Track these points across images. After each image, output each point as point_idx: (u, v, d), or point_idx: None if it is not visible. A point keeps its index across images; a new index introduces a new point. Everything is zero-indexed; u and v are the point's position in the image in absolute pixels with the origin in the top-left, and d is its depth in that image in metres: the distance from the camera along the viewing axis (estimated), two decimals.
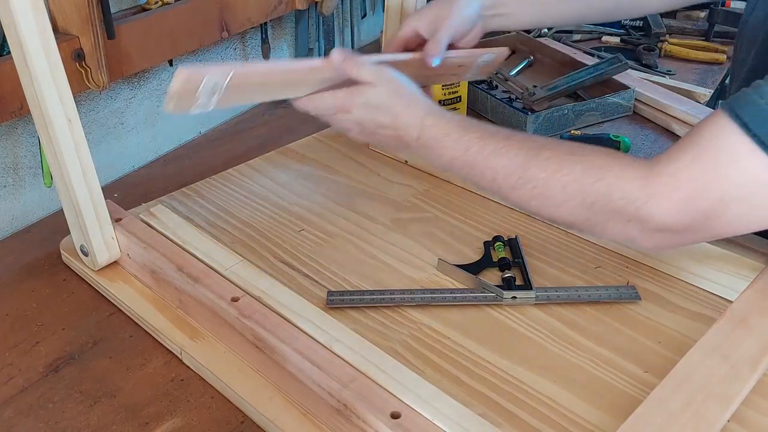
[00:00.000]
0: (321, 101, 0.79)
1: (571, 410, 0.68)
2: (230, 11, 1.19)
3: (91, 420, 0.69)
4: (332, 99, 0.79)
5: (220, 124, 1.32)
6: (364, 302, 0.80)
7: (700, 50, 1.53)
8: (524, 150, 0.71)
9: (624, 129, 1.26)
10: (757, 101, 0.61)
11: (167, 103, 0.69)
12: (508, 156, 0.71)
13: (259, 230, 0.94)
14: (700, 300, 0.82)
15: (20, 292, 0.86)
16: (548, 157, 0.69)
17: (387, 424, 0.60)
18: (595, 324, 0.78)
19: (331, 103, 0.79)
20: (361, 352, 0.68)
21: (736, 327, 0.70)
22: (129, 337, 0.79)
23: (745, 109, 0.62)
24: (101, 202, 0.82)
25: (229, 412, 0.70)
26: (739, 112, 0.62)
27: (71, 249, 0.88)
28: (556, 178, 0.68)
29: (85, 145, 0.77)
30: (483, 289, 0.82)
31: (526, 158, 0.70)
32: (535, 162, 0.70)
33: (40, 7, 0.68)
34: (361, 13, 1.60)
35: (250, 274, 0.79)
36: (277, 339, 0.69)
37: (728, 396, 0.63)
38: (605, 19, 1.10)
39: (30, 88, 0.72)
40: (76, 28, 0.95)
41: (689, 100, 1.30)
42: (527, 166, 0.70)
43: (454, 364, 0.73)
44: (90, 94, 1.08)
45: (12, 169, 1.01)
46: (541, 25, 0.96)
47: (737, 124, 0.62)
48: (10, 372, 0.75)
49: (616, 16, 1.04)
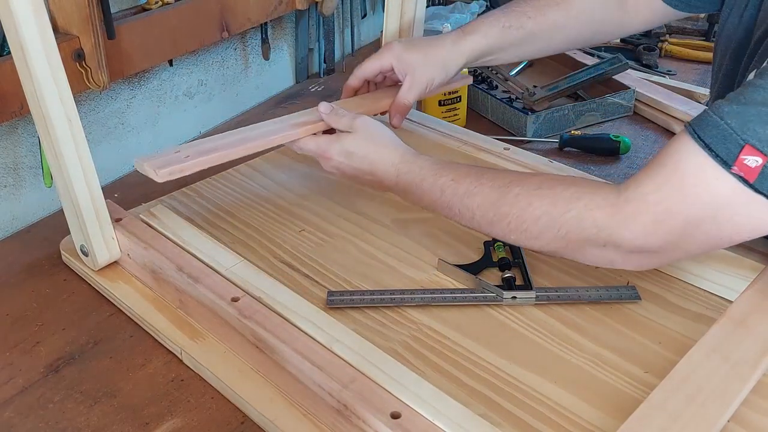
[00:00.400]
0: (305, 144, 0.88)
1: (571, 410, 0.68)
2: (230, 11, 1.19)
3: (91, 420, 0.69)
4: (315, 145, 0.87)
5: (220, 124, 1.32)
6: (364, 302, 0.80)
7: (700, 50, 1.53)
8: (495, 188, 0.74)
9: (624, 129, 1.26)
10: (717, 122, 0.62)
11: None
12: (481, 195, 0.75)
13: (260, 230, 0.94)
14: (701, 300, 0.82)
15: (20, 292, 0.86)
16: (518, 194, 0.73)
17: (387, 424, 0.60)
18: (596, 324, 0.78)
19: (314, 148, 0.87)
20: (362, 353, 0.68)
21: (736, 327, 0.70)
22: (129, 337, 0.79)
23: (706, 130, 0.63)
24: (101, 202, 0.81)
25: (229, 412, 0.70)
26: (701, 134, 0.63)
27: (71, 249, 0.88)
28: (528, 212, 0.71)
29: (85, 145, 0.77)
30: (483, 289, 0.82)
31: (497, 196, 0.74)
32: (506, 199, 0.73)
33: (40, 7, 0.68)
34: (361, 13, 1.60)
35: (251, 274, 0.79)
36: (277, 339, 0.69)
37: (728, 396, 0.63)
38: (586, 45, 1.12)
39: (30, 88, 0.72)
40: (76, 28, 0.95)
41: (689, 100, 1.30)
42: (499, 204, 0.73)
43: (454, 364, 0.73)
44: (90, 94, 1.08)
45: (12, 169, 1.01)
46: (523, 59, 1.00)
47: (699, 146, 0.63)
48: (11, 372, 0.75)
49: (595, 42, 1.06)
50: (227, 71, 1.32)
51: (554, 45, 0.99)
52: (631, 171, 1.14)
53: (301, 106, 1.36)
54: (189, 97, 1.26)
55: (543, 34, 0.95)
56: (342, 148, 0.84)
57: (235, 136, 0.88)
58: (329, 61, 1.50)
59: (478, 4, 1.68)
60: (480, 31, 0.94)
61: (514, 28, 0.94)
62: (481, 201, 0.74)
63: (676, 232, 0.65)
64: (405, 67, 0.94)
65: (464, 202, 0.76)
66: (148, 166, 0.79)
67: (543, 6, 0.95)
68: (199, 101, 1.28)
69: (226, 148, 0.84)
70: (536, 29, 0.94)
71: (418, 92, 0.95)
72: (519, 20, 0.94)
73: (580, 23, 0.96)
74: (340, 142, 0.85)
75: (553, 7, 0.94)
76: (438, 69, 0.94)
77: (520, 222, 0.72)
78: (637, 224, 0.66)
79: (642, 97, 1.31)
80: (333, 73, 1.51)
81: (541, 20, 0.94)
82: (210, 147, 0.84)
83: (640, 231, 0.66)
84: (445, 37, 0.95)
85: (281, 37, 1.43)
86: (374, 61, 0.96)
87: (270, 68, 1.42)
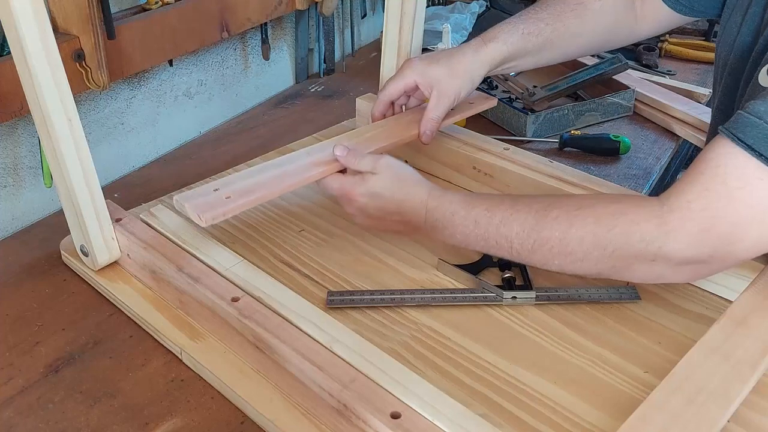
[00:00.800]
0: (329, 183, 0.84)
1: (571, 410, 0.68)
2: (230, 11, 1.19)
3: (91, 420, 0.69)
4: (339, 185, 0.83)
5: (221, 124, 1.32)
6: (364, 302, 0.80)
7: (701, 50, 1.54)
8: (532, 213, 0.72)
9: (624, 129, 1.26)
10: (756, 122, 0.63)
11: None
12: (517, 222, 0.72)
13: (260, 230, 0.94)
14: (700, 300, 0.82)
15: (20, 292, 0.86)
16: (557, 216, 0.70)
17: (387, 424, 0.60)
18: (595, 324, 0.78)
19: (338, 187, 0.83)
20: (361, 353, 0.68)
21: (736, 327, 0.70)
22: (129, 338, 0.79)
23: (746, 131, 0.63)
24: (101, 202, 0.81)
25: (229, 412, 0.70)
26: (741, 136, 0.63)
27: (71, 249, 0.88)
28: (571, 234, 0.69)
29: (85, 145, 0.77)
30: (483, 290, 0.82)
31: (535, 221, 0.71)
32: (545, 223, 0.71)
33: (40, 7, 0.68)
34: (361, 13, 1.60)
35: (250, 274, 0.79)
36: (277, 339, 0.69)
37: (728, 396, 0.63)
38: (598, 52, 1.12)
39: (30, 88, 0.72)
40: (76, 28, 0.95)
41: (689, 100, 1.30)
42: (539, 228, 0.71)
43: (454, 364, 0.73)
44: (90, 94, 1.08)
45: (12, 169, 1.01)
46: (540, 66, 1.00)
47: (741, 147, 0.63)
48: (10, 372, 0.75)
49: (607, 48, 1.06)
50: (227, 71, 1.32)
51: (570, 52, 0.99)
52: (631, 171, 1.14)
53: (301, 106, 1.37)
54: (189, 97, 1.26)
55: (560, 41, 0.95)
56: (367, 190, 0.80)
57: (272, 171, 0.84)
58: (329, 61, 1.50)
59: (478, 4, 1.68)
60: (500, 38, 0.93)
61: (533, 35, 0.94)
62: (519, 228, 0.72)
63: (724, 237, 0.64)
64: (430, 81, 0.93)
65: (501, 232, 0.73)
66: (189, 209, 0.76)
67: (559, 13, 0.95)
68: (199, 101, 1.28)
69: (265, 188, 0.81)
70: (554, 36, 0.94)
71: (446, 106, 0.94)
72: (537, 27, 0.94)
73: (594, 30, 0.96)
74: (365, 183, 0.81)
75: (568, 14, 0.94)
76: (464, 80, 0.93)
77: (563, 245, 0.70)
78: (684, 234, 0.65)
79: (642, 97, 1.31)
80: (333, 73, 1.51)
81: (559, 26, 0.94)
82: (249, 185, 0.80)
83: (687, 240, 0.65)
84: (465, 48, 0.94)
85: (281, 37, 1.43)
86: (398, 82, 0.95)
87: (270, 68, 1.42)
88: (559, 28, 0.94)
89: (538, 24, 0.94)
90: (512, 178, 0.97)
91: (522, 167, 0.97)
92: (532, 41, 0.94)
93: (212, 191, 0.79)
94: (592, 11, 0.95)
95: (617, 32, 0.98)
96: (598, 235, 0.68)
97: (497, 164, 0.99)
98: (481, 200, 0.77)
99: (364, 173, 0.81)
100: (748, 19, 0.80)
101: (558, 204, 0.72)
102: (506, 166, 0.98)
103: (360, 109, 1.15)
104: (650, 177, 1.13)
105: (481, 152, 1.02)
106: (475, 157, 1.01)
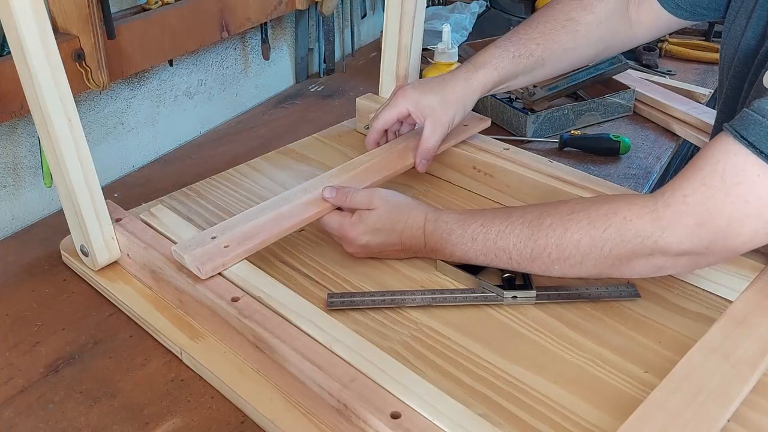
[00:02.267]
0: (328, 222, 0.85)
1: (571, 410, 0.68)
2: (230, 11, 1.19)
3: (91, 420, 0.69)
4: (338, 225, 0.84)
5: (221, 124, 1.32)
6: (365, 304, 0.80)
7: (701, 50, 1.54)
8: (527, 224, 0.74)
9: (624, 129, 1.26)
10: (759, 120, 0.63)
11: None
12: (513, 234, 0.74)
13: None
14: (700, 300, 0.82)
15: (20, 292, 0.86)
16: (552, 223, 0.72)
17: (387, 424, 0.60)
18: (596, 324, 0.78)
19: (336, 227, 0.84)
20: (362, 353, 0.68)
21: (736, 327, 0.70)
22: (129, 337, 0.79)
23: (748, 128, 0.64)
24: (101, 202, 0.81)
25: (229, 412, 0.70)
26: (743, 132, 0.63)
27: (71, 249, 0.88)
28: (567, 238, 0.71)
29: (85, 145, 0.77)
30: (483, 289, 0.82)
31: (531, 231, 0.73)
32: (541, 231, 0.73)
33: (40, 7, 0.68)
34: (361, 13, 1.60)
35: (250, 274, 0.78)
36: (277, 339, 0.69)
37: (728, 396, 0.63)
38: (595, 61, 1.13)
39: (30, 88, 0.72)
40: (76, 28, 0.95)
41: (689, 100, 1.30)
42: (535, 237, 0.73)
43: (454, 364, 0.73)
44: (90, 94, 1.08)
45: (12, 169, 1.01)
46: (534, 83, 1.00)
47: (742, 144, 0.63)
48: (10, 372, 0.75)
49: (604, 57, 1.07)
50: (227, 71, 1.32)
51: (564, 66, 0.98)
52: (631, 171, 1.14)
53: (301, 107, 1.37)
54: (189, 97, 1.26)
55: (552, 57, 0.95)
56: (367, 228, 0.82)
57: (269, 212, 0.83)
58: (329, 61, 1.50)
59: (478, 4, 1.68)
60: (491, 63, 0.93)
61: (524, 56, 0.93)
62: (516, 239, 0.74)
63: (720, 231, 0.65)
64: (423, 111, 0.93)
65: (498, 245, 0.75)
66: (189, 260, 0.76)
67: (550, 31, 0.94)
68: (199, 101, 1.28)
69: (263, 232, 0.81)
70: (545, 54, 0.94)
71: (441, 134, 0.94)
72: (528, 48, 0.93)
73: (588, 43, 0.95)
74: (363, 222, 0.82)
75: (559, 30, 0.94)
76: (457, 108, 0.93)
77: (560, 250, 0.71)
78: (680, 227, 0.66)
79: (642, 97, 1.31)
80: (333, 73, 1.51)
81: (550, 45, 0.94)
82: (247, 230, 0.80)
83: (683, 233, 0.66)
84: (456, 75, 0.94)
85: (281, 37, 1.43)
86: (391, 111, 0.95)
87: (270, 68, 1.42)
88: (551, 46, 0.94)
89: (528, 45, 0.94)
90: (512, 178, 0.97)
91: (522, 167, 0.97)
92: (523, 63, 0.94)
93: (210, 239, 0.79)
94: (584, 24, 0.94)
95: (613, 41, 0.97)
96: (593, 236, 0.70)
97: (497, 164, 0.99)
98: (476, 217, 0.78)
99: (360, 211, 0.83)
100: (753, 23, 0.81)
101: (551, 211, 0.73)
102: (506, 166, 0.98)
103: (360, 109, 1.15)
104: (650, 177, 1.14)
105: (481, 152, 1.02)
106: (475, 157, 1.01)
